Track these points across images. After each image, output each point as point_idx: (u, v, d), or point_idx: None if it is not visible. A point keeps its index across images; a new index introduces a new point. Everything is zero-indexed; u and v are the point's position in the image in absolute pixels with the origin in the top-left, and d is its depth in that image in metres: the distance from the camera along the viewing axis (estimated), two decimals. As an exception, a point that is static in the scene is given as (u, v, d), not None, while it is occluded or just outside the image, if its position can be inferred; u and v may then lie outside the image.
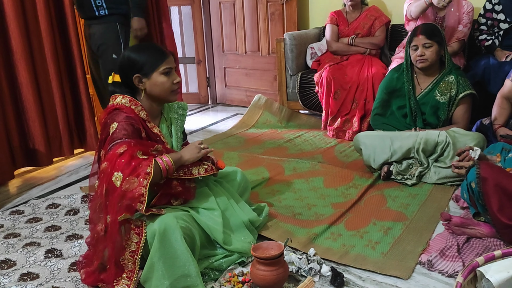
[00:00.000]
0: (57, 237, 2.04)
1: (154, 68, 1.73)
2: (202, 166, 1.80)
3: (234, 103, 4.73)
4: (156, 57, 1.74)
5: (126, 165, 1.54)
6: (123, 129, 1.63)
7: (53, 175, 2.91)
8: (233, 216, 1.86)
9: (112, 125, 1.65)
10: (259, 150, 3.18)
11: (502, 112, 2.50)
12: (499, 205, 1.65)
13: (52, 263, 1.81)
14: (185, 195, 1.77)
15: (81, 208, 2.33)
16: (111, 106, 1.73)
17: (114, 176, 1.54)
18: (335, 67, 3.42)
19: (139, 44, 1.92)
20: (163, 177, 1.65)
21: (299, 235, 1.97)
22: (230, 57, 4.63)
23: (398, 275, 1.65)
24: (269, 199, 2.34)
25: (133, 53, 1.75)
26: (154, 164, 1.58)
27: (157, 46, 1.81)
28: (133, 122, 1.67)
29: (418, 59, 2.55)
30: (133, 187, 1.52)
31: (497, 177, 1.68)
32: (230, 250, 1.78)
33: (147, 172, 1.55)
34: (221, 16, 4.56)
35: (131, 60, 1.74)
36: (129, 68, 1.74)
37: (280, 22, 4.16)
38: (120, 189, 1.52)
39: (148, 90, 1.75)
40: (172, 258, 1.54)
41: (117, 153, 1.56)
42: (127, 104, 1.72)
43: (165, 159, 1.64)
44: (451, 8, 3.06)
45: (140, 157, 1.58)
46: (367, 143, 2.55)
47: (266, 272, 1.54)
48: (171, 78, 1.76)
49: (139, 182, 1.53)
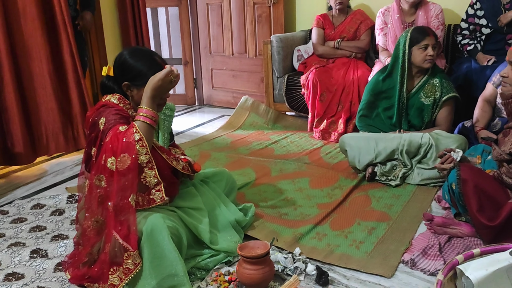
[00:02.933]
0: (42, 237, 2.03)
1: (145, 81, 1.63)
2: (180, 163, 1.80)
3: (221, 104, 4.74)
4: (152, 70, 1.65)
5: (115, 146, 1.52)
6: (111, 119, 1.61)
7: (38, 175, 2.88)
8: (220, 216, 1.88)
9: (101, 121, 1.64)
10: (245, 151, 3.20)
11: (483, 115, 2.56)
12: (479, 206, 1.70)
13: (37, 263, 1.80)
14: (169, 190, 1.78)
15: (66, 209, 2.32)
16: (98, 103, 1.72)
17: (109, 163, 1.53)
18: (321, 69, 3.46)
19: (140, 49, 1.88)
20: (154, 128, 1.60)
21: (285, 234, 1.99)
22: (217, 58, 4.64)
23: (382, 273, 1.68)
24: (255, 199, 2.35)
25: (131, 58, 1.70)
26: (137, 126, 1.54)
27: (157, 59, 1.73)
28: (120, 113, 1.66)
29: (428, 58, 2.56)
30: (127, 164, 1.50)
31: (476, 179, 1.73)
32: (216, 250, 1.79)
33: (138, 139, 1.52)
34: (209, 18, 4.57)
35: (127, 65, 1.69)
36: (122, 72, 1.71)
37: (267, 24, 4.19)
38: (117, 170, 1.51)
39: (135, 100, 1.72)
40: (159, 257, 1.54)
41: (106, 142, 1.56)
42: (115, 102, 1.71)
43: (142, 111, 1.58)
44: (419, 12, 3.15)
45: (123, 130, 1.55)
46: (352, 145, 2.58)
47: (252, 271, 1.56)
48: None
49: (132, 158, 1.50)
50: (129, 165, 1.51)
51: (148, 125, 1.57)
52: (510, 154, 1.67)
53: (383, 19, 3.29)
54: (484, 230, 1.72)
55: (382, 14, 3.30)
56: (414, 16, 3.20)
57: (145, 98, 1.61)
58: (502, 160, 1.71)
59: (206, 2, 4.54)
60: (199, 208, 1.82)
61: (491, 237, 1.72)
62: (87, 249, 1.63)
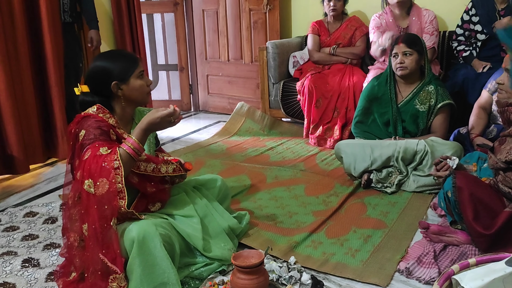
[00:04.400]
0: (34, 246, 2.01)
1: (130, 73, 1.73)
2: (170, 166, 1.78)
3: (216, 110, 4.72)
4: (130, 62, 1.75)
5: (94, 168, 1.52)
6: (91, 133, 1.61)
7: (31, 182, 2.86)
8: (212, 223, 1.86)
9: (81, 133, 1.63)
10: (241, 157, 3.18)
11: (479, 122, 2.56)
12: (475, 214, 1.69)
13: (29, 272, 1.78)
14: (160, 196, 1.76)
15: (59, 217, 2.29)
16: (79, 116, 1.71)
17: (86, 184, 1.52)
18: (317, 75, 3.46)
19: (105, 52, 1.91)
20: (135, 160, 1.60)
21: (280, 243, 1.97)
22: (213, 64, 4.64)
23: (377, 282, 1.67)
24: (250, 207, 2.34)
25: (105, 62, 1.73)
26: (120, 154, 1.54)
27: (126, 52, 1.83)
28: (100, 125, 1.65)
29: (398, 66, 2.59)
30: (106, 189, 1.50)
31: (472, 187, 1.72)
32: (210, 258, 1.78)
33: (117, 167, 1.52)
34: (204, 24, 4.57)
35: (105, 69, 1.72)
36: (104, 76, 1.71)
37: (263, 30, 4.19)
38: (95, 195, 1.51)
39: (128, 95, 1.74)
40: (151, 265, 1.52)
41: (83, 160, 1.55)
42: (94, 112, 1.70)
43: (129, 141, 1.59)
44: (413, 17, 3.17)
45: (104, 153, 1.54)
46: (347, 152, 2.57)
47: (247, 280, 1.54)
48: (145, 81, 1.77)
49: (111, 182, 1.50)
50: (109, 189, 1.50)
51: (130, 157, 1.58)
52: (506, 163, 1.67)
53: (378, 21, 3.29)
54: (480, 239, 1.71)
55: (378, 17, 3.31)
56: (407, 21, 3.21)
57: (137, 129, 1.62)
58: (498, 169, 1.71)
59: (202, 8, 4.54)
60: (191, 215, 1.81)
61: (487, 245, 1.71)
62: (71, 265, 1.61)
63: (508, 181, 1.66)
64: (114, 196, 1.51)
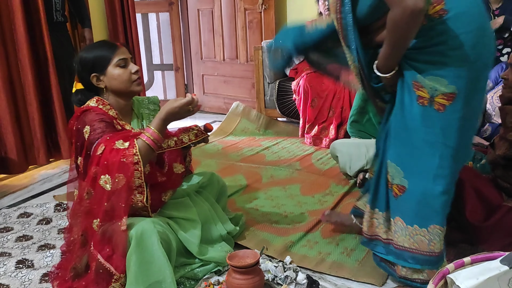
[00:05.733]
0: (28, 247, 1.99)
1: (107, 62, 1.67)
2: (191, 132, 1.76)
3: (212, 110, 4.72)
4: (106, 51, 1.68)
5: (111, 163, 1.48)
6: (97, 128, 1.58)
7: (25, 183, 2.84)
8: (213, 229, 1.86)
9: (85, 129, 1.60)
10: (237, 157, 3.18)
11: (473, 121, 2.57)
12: (472, 207, 1.70)
13: (23, 274, 1.76)
14: (170, 184, 1.74)
15: (54, 217, 2.28)
16: (78, 110, 1.68)
17: (102, 180, 1.49)
18: (312, 75, 3.45)
19: (86, 46, 1.90)
20: (155, 151, 1.57)
21: (275, 243, 1.97)
22: (208, 64, 4.63)
23: (373, 282, 1.67)
24: (246, 206, 2.33)
25: (84, 54, 1.71)
26: (138, 146, 1.50)
27: (105, 42, 1.76)
28: (103, 117, 1.62)
29: None
30: (121, 184, 1.46)
31: (472, 179, 1.73)
32: (206, 260, 1.77)
33: (136, 162, 1.48)
34: (200, 23, 4.56)
35: (83, 60, 1.69)
36: (83, 69, 1.70)
37: (258, 30, 4.18)
38: (109, 191, 1.47)
39: (109, 86, 1.69)
40: (147, 262, 1.51)
41: (97, 155, 1.51)
42: (94, 105, 1.68)
43: (149, 132, 1.54)
44: None
45: (121, 147, 1.50)
46: (343, 151, 2.57)
47: (242, 280, 1.54)
48: (128, 69, 1.69)
49: (128, 178, 1.46)
50: (125, 185, 1.47)
51: (150, 148, 1.53)
52: (505, 159, 1.67)
53: None
54: (475, 231, 1.72)
55: None
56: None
57: (156, 119, 1.57)
58: (498, 164, 1.71)
59: (197, 8, 4.53)
60: (192, 219, 1.79)
61: (482, 237, 1.72)
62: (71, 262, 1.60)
63: (507, 177, 1.66)
64: (129, 192, 1.48)
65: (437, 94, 1.36)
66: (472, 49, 1.33)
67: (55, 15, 3.05)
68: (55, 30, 3.08)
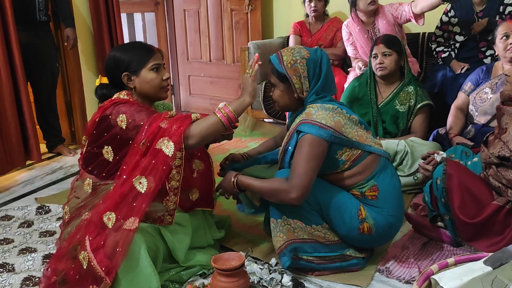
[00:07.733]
0: (9, 250, 1.96)
1: (142, 65, 1.68)
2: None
3: (198, 111, 4.69)
4: (143, 53, 1.69)
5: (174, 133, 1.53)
6: (139, 111, 1.59)
7: (6, 185, 2.79)
8: (201, 237, 1.84)
9: (119, 118, 1.59)
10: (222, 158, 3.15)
11: (456, 122, 2.60)
12: (461, 203, 1.71)
13: (3, 278, 1.73)
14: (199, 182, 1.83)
15: (35, 220, 2.24)
16: (109, 101, 1.66)
17: (163, 145, 1.53)
18: (298, 76, 3.45)
19: (123, 44, 1.88)
20: (226, 128, 1.64)
21: (261, 245, 1.96)
22: (194, 65, 4.61)
23: (358, 283, 1.67)
24: (232, 208, 2.31)
25: (119, 52, 1.70)
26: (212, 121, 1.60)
27: (143, 44, 1.77)
28: (140, 106, 1.62)
29: (377, 67, 2.61)
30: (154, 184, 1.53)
31: (462, 175, 1.74)
32: (191, 264, 1.75)
33: (178, 165, 1.56)
34: (186, 24, 4.54)
35: (117, 59, 1.69)
36: (116, 67, 1.69)
37: (244, 31, 4.17)
38: (146, 193, 1.52)
39: (138, 88, 1.70)
40: (134, 271, 1.50)
41: (162, 128, 1.55)
42: (125, 98, 1.67)
43: (225, 110, 1.62)
44: (378, 19, 3.11)
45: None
46: (329, 152, 2.57)
47: (227, 283, 1.53)
48: (160, 74, 1.71)
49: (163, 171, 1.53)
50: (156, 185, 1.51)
51: (222, 125, 1.62)
52: (498, 158, 1.68)
53: (347, 30, 3.27)
54: (464, 227, 1.73)
55: (346, 26, 3.28)
56: (375, 25, 3.17)
57: (236, 102, 1.66)
58: (491, 163, 1.71)
59: (183, 8, 4.50)
60: (184, 225, 1.77)
61: (470, 234, 1.73)
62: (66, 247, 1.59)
63: (499, 176, 1.67)
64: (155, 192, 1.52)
65: None
66: None
67: (38, 14, 3.01)
68: (38, 29, 3.04)
